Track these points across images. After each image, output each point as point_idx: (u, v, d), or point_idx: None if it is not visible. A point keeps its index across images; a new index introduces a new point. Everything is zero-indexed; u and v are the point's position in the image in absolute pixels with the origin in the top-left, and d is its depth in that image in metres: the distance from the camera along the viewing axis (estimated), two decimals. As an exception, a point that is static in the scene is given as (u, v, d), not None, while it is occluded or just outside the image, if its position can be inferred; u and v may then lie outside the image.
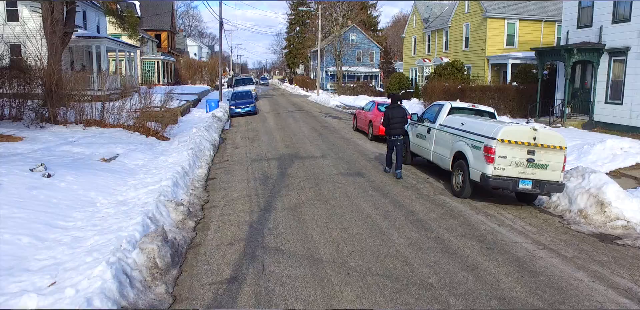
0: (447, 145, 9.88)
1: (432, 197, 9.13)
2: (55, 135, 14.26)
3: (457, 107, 10.73)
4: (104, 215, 7.88)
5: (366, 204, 8.50)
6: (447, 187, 10.04)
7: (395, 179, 10.51)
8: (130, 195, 9.13)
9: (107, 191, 9.32)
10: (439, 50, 34.52)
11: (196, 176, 11.29)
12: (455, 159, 9.47)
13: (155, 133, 16.19)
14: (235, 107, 25.49)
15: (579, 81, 19.93)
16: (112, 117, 16.34)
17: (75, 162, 11.03)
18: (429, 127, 10.93)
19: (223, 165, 12.74)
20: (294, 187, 9.87)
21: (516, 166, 8.30)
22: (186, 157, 11.88)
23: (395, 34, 74.77)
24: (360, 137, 17.18)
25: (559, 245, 6.77)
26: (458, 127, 9.61)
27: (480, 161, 8.53)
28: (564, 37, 20.58)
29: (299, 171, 11.33)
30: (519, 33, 28.32)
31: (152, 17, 54.20)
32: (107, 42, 23.10)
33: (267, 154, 13.73)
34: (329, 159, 12.82)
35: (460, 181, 9.16)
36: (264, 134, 18.19)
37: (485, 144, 8.40)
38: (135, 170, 11.35)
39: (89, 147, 12.83)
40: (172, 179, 9.74)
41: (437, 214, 8.00)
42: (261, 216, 8.03)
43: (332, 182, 10.21)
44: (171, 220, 7.99)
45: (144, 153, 13.23)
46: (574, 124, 18.84)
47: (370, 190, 9.53)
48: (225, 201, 9.21)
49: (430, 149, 10.76)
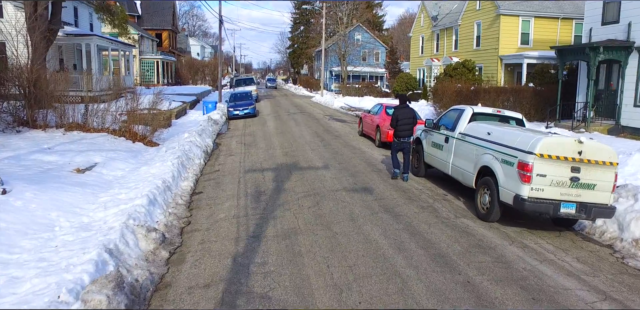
0: (469, 158, 8.43)
1: (454, 221, 7.68)
2: (29, 141, 12.92)
3: (479, 112, 9.28)
4: (59, 244, 6.52)
5: (375, 231, 7.08)
6: (469, 206, 8.60)
7: (408, 197, 9.08)
8: (97, 216, 7.76)
9: (71, 211, 7.94)
10: (449, 50, 33.01)
11: (180, 190, 9.91)
12: (481, 174, 8.03)
13: (143, 138, 14.82)
14: (233, 109, 24.10)
15: (603, 82, 18.40)
16: (97, 120, 14.99)
17: (42, 174, 9.66)
18: (446, 135, 9.48)
19: (213, 176, 11.35)
20: (291, 206, 8.46)
21: (557, 186, 6.86)
22: (170, 168, 10.50)
23: (402, 34, 73.24)
24: (367, 144, 15.74)
25: (622, 293, 5.32)
26: (483, 137, 8.16)
27: (513, 180, 7.08)
28: (586, 35, 19.06)
29: (297, 185, 9.92)
30: (534, 31, 26.77)
31: (153, 15, 52.94)
32: (98, 40, 21.76)
33: (263, 164, 12.33)
34: (331, 170, 11.40)
35: (487, 202, 7.71)
36: (261, 139, 16.78)
37: (519, 160, 6.95)
38: (111, 183, 9.97)
39: (64, 155, 11.47)
40: (149, 195, 8.36)
41: (463, 246, 6.56)
42: (249, 246, 6.63)
43: (335, 200, 8.79)
44: (139, 251, 6.60)
45: (125, 162, 11.85)
46: (598, 129, 17.33)
47: (380, 211, 8.10)
48: (210, 223, 7.82)
49: (448, 161, 9.31)
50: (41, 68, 15.03)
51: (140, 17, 52.09)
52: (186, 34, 72.56)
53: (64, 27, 19.93)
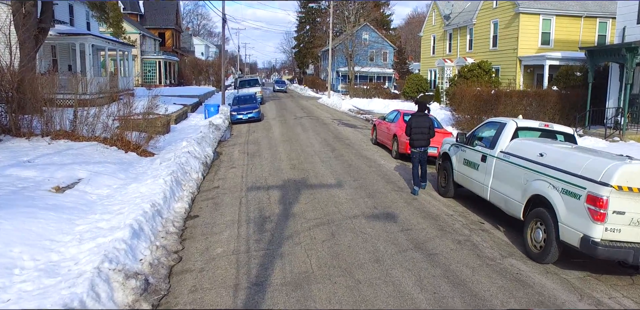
0: (515, 183, 7.03)
1: (501, 263, 6.28)
2: (9, 152, 11.61)
3: (524, 127, 7.86)
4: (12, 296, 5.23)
5: (407, 279, 5.70)
6: (514, 239, 7.21)
7: (439, 226, 7.67)
8: (69, 252, 6.45)
9: (40, 245, 6.64)
10: (462, 50, 31.52)
11: (172, 214, 8.57)
12: (531, 204, 6.64)
13: (137, 147, 13.48)
14: (237, 112, 22.73)
15: (639, 86, 16.93)
16: (86, 128, 13.67)
17: (13, 194, 8.35)
18: (483, 153, 8.08)
19: (211, 194, 10.01)
20: (301, 238, 7.10)
21: (638, 226, 5.46)
22: (162, 187, 9.16)
23: (410, 33, 71.71)
24: (382, 154, 14.34)
25: None
26: (534, 158, 6.76)
27: (579, 216, 5.68)
28: (618, 34, 17.58)
29: (307, 209, 8.55)
30: (555, 30, 25.26)
31: (156, 14, 51.73)
32: (94, 40, 20.45)
33: (267, 179, 10.97)
34: (346, 188, 10.02)
35: (541, 240, 6.31)
36: (266, 148, 15.41)
37: (589, 192, 5.55)
38: (94, 204, 8.64)
39: (45, 169, 10.17)
40: (133, 225, 7.04)
41: (521, 303, 5.17)
42: (250, 298, 5.29)
43: (354, 230, 7.42)
44: (113, 304, 5.29)
45: (113, 177, 10.53)
46: (634, 137, 15.87)
47: (409, 248, 6.71)
48: (204, 261, 6.49)
49: (485, 185, 7.91)
50: (26, 70, 13.72)
51: (143, 16, 50.88)
52: (190, 33, 71.34)
53: (55, 26, 18.63)
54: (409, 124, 9.91)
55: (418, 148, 9.86)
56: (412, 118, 10.02)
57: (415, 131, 9.78)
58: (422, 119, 9.92)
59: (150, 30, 48.47)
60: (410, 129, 9.81)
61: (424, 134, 9.82)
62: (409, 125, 9.86)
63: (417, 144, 9.85)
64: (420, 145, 9.84)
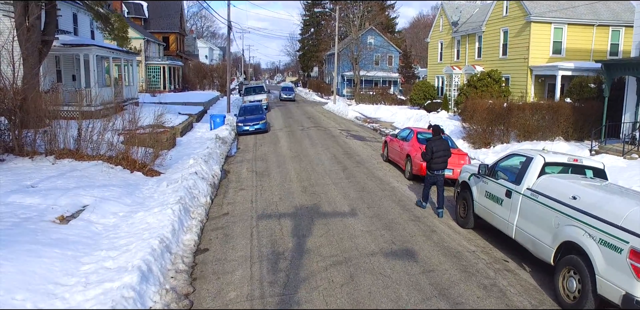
0: (545, 225, 6.64)
1: (533, 315, 5.91)
2: (12, 174, 11.30)
3: (552, 162, 7.46)
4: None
5: (435, 337, 5.34)
6: (542, 283, 6.82)
7: (462, 267, 7.29)
8: (74, 299, 6.13)
9: (43, 290, 6.30)
10: (471, 58, 31.08)
11: (181, 248, 8.23)
12: (563, 249, 6.25)
13: (143, 167, 13.14)
14: (243, 124, 22.38)
15: (656, 101, 16.49)
16: (91, 146, 13.34)
17: (15, 227, 8.02)
18: (508, 188, 7.69)
19: (221, 222, 9.65)
20: (318, 281, 6.73)
21: (686, 284, 5.08)
22: (170, 217, 8.81)
23: (415, 36, 71.21)
24: (394, 174, 13.94)
25: None
26: (566, 201, 6.37)
27: (620, 271, 5.30)
28: (635, 47, 17.15)
29: (322, 244, 8.17)
30: (567, 39, 24.81)
31: (161, 18, 51.41)
32: (98, 50, 20.12)
33: (278, 205, 10.59)
34: (360, 217, 9.63)
35: (575, 290, 5.92)
36: (275, 165, 15.03)
37: (632, 247, 5.16)
38: (99, 237, 8.30)
39: (48, 195, 9.83)
40: (142, 267, 6.71)
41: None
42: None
43: (373, 272, 7.04)
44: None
45: (120, 202, 10.20)
46: (653, 155, 15.42)
47: (433, 295, 6.33)
48: (217, 307, 6.13)
49: (511, 223, 7.51)
50: (29, 87, 13.40)
51: (147, 20, 50.59)
52: (194, 36, 71.06)
53: (58, 38, 18.30)
54: (429, 148, 10.08)
55: (436, 171, 10.14)
56: (431, 142, 10.25)
57: (435, 155, 10.04)
58: (439, 142, 10.22)
59: (155, 34, 48.18)
60: (432, 154, 10.02)
61: (444, 157, 10.14)
62: (430, 150, 10.04)
63: (436, 167, 10.14)
64: (439, 168, 10.14)
